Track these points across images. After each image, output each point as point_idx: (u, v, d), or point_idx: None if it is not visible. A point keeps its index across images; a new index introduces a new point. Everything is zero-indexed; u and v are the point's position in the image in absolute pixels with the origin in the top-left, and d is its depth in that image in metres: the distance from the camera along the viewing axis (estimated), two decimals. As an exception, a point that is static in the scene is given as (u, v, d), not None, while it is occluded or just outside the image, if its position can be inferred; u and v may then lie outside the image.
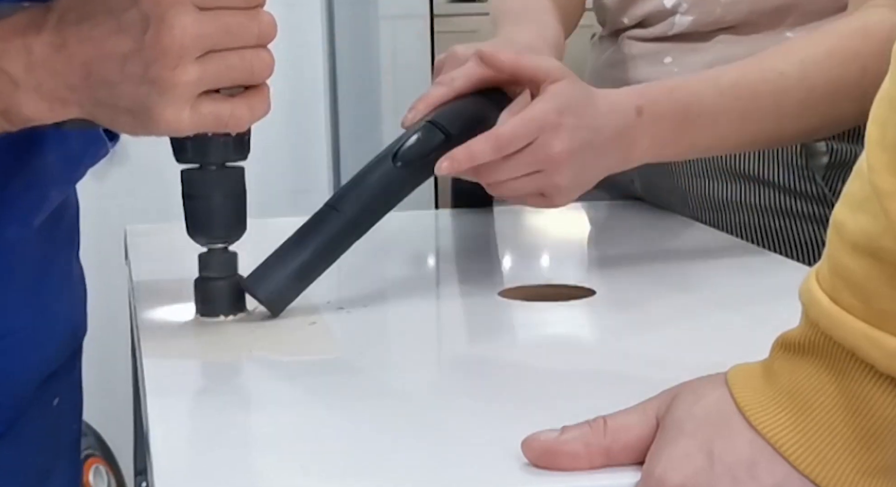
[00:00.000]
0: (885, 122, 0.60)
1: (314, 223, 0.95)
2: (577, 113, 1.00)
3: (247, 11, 0.80)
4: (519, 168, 0.99)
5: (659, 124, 1.03)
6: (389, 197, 0.98)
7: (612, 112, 1.02)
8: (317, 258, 0.94)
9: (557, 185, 1.00)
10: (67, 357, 1.04)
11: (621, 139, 1.02)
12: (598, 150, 1.01)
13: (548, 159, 0.99)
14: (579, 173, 1.01)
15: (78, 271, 1.06)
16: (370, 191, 0.97)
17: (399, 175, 0.98)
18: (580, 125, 1.00)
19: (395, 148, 0.98)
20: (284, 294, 0.93)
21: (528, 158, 0.98)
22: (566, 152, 0.99)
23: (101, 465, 2.21)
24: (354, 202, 0.97)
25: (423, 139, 0.98)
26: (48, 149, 0.92)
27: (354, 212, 0.96)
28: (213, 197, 0.89)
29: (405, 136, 0.99)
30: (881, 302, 0.59)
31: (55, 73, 0.78)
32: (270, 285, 0.93)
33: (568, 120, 0.99)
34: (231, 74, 0.80)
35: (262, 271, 0.93)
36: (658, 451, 0.64)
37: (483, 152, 0.97)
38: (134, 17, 0.77)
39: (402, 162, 0.97)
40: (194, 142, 0.87)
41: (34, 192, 0.93)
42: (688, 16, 1.21)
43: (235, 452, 0.71)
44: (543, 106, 0.99)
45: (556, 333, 0.96)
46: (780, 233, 1.18)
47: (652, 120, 1.03)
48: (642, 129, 1.03)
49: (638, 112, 1.03)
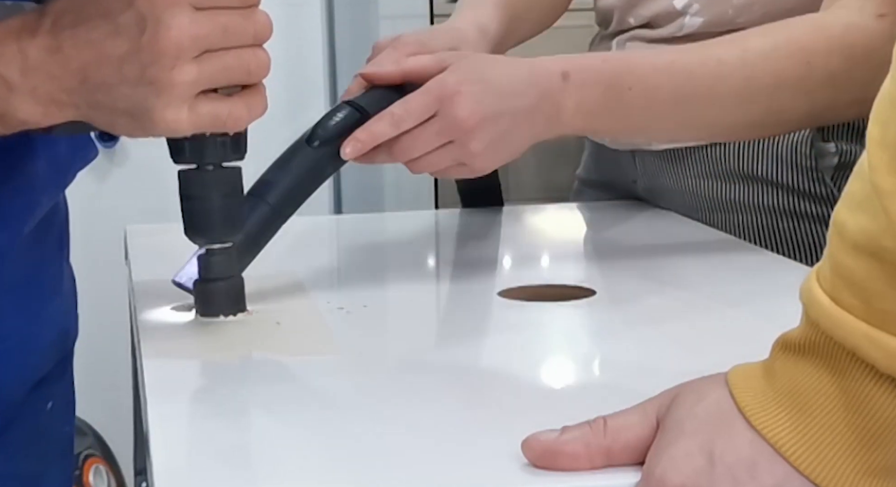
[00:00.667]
0: (886, 122, 0.60)
1: None
2: (480, 80, 1.00)
3: (242, 11, 0.80)
4: (429, 141, 0.99)
5: (586, 90, 1.03)
6: (311, 179, 0.99)
7: (534, 76, 1.02)
8: (244, 248, 0.95)
9: (472, 152, 1.00)
10: (59, 361, 1.03)
11: (546, 103, 1.02)
12: (519, 114, 1.01)
13: (455, 127, 0.99)
14: (497, 138, 1.01)
15: (68, 275, 1.06)
16: (290, 176, 0.98)
17: (316, 155, 0.98)
18: (486, 90, 1.00)
19: (311, 130, 0.99)
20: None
21: (434, 129, 0.99)
22: (472, 117, 0.99)
23: (101, 465, 2.21)
24: (276, 188, 0.98)
25: (339, 119, 1.00)
26: (38, 156, 0.92)
27: (277, 199, 0.97)
28: (210, 197, 0.89)
29: (321, 118, 1.00)
30: (882, 302, 0.59)
31: (51, 77, 0.78)
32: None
33: (468, 87, 0.99)
34: (228, 74, 0.80)
35: (192, 266, 0.94)
36: (658, 451, 0.64)
37: (382, 129, 0.98)
38: (130, 19, 0.77)
39: (319, 141, 0.98)
40: (191, 142, 0.87)
41: (24, 199, 0.93)
42: (698, 17, 1.20)
43: (235, 452, 0.71)
44: (439, 78, 1.00)
45: (556, 333, 0.96)
46: (788, 234, 1.18)
47: (578, 85, 1.03)
48: (568, 94, 1.03)
49: (563, 77, 1.02)
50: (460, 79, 1.00)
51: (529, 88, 1.02)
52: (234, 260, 0.93)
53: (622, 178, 1.34)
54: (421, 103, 0.99)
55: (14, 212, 0.92)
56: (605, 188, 1.39)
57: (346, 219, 1.75)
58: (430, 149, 1.00)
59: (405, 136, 0.99)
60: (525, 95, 1.01)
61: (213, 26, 0.79)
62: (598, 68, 1.04)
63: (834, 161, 1.16)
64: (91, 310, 1.09)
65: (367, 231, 1.34)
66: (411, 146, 1.00)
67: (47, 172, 0.94)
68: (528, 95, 1.01)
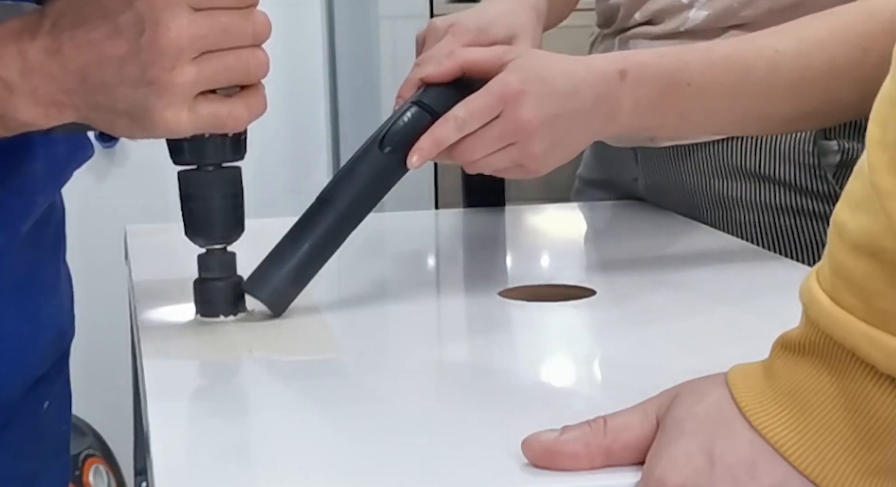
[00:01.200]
0: (886, 122, 0.60)
1: (308, 219, 0.95)
2: (542, 80, 0.99)
3: (241, 11, 0.80)
4: (490, 143, 0.98)
5: (643, 88, 1.02)
6: (381, 184, 0.97)
7: (591, 76, 1.01)
8: (314, 254, 0.94)
9: (533, 154, 0.99)
10: (55, 361, 1.03)
11: (603, 103, 1.01)
12: (577, 115, 1.00)
13: (517, 129, 0.98)
14: (556, 139, 1.00)
15: (65, 275, 1.06)
16: (361, 181, 0.96)
17: (388, 161, 0.96)
18: (548, 91, 0.98)
19: (381, 133, 0.97)
20: (285, 293, 0.93)
21: (497, 132, 0.98)
22: (536, 120, 0.98)
23: (101, 465, 2.22)
24: (346, 194, 0.96)
25: (409, 121, 0.97)
26: (35, 155, 0.92)
27: (347, 205, 0.96)
28: (210, 197, 0.89)
29: (390, 120, 0.98)
30: (882, 302, 0.59)
31: (51, 78, 0.78)
32: (270, 286, 0.93)
33: (532, 87, 0.98)
34: (227, 74, 0.80)
35: (260, 272, 0.93)
36: (658, 451, 0.64)
37: (446, 135, 0.97)
38: (129, 20, 0.77)
39: (390, 147, 0.96)
40: (191, 143, 0.86)
41: (21, 198, 0.93)
42: (703, 10, 1.20)
43: (235, 452, 0.71)
44: (501, 78, 0.98)
45: (556, 333, 0.96)
46: (790, 231, 1.18)
47: (636, 83, 1.01)
48: (625, 93, 1.01)
49: (621, 75, 1.01)
50: (523, 79, 0.98)
51: (588, 88, 1.00)
52: (234, 259, 0.93)
53: (623, 177, 1.34)
54: (485, 105, 0.97)
55: (11, 211, 0.92)
56: (606, 187, 1.39)
57: (346, 219, 1.75)
58: (491, 151, 0.98)
59: (468, 139, 0.97)
60: (584, 95, 1.00)
61: (211, 27, 0.79)
62: (655, 65, 1.03)
63: (836, 159, 1.16)
64: (91, 310, 1.09)
65: (367, 231, 1.34)
66: (473, 148, 0.98)
67: (44, 172, 0.94)
68: (586, 95, 1.00)
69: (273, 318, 0.93)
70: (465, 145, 0.97)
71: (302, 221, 0.95)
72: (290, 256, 0.93)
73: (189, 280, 0.94)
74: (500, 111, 0.97)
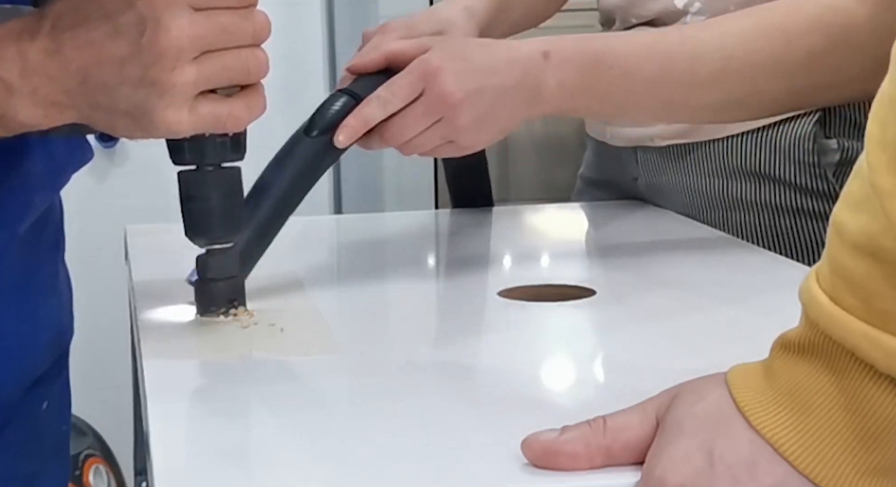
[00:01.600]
0: (885, 121, 0.60)
1: (246, 207, 0.96)
2: (462, 57, 1.02)
3: (241, 11, 0.81)
4: (418, 120, 1.01)
5: (566, 68, 1.04)
6: (313, 168, 1.00)
7: (513, 55, 1.04)
8: (255, 241, 0.96)
9: (461, 127, 1.02)
10: (55, 361, 1.03)
11: (527, 81, 1.03)
12: (500, 91, 1.03)
13: (442, 103, 1.01)
14: (482, 112, 1.02)
15: (64, 276, 1.06)
16: (293, 167, 0.99)
17: (316, 145, 0.99)
18: (468, 67, 1.02)
19: (308, 120, 1.01)
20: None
21: (421, 109, 1.01)
22: (457, 92, 1.00)
23: (101, 465, 2.21)
24: (280, 180, 0.98)
25: (335, 106, 1.01)
26: (34, 156, 0.92)
27: (283, 191, 0.98)
28: (210, 198, 0.89)
29: (318, 108, 1.02)
30: (881, 301, 0.59)
31: (50, 79, 0.78)
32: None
33: (451, 64, 1.01)
34: (228, 74, 0.80)
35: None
36: (658, 451, 0.64)
37: (371, 113, 1.00)
38: (130, 20, 0.77)
39: (317, 131, 1.00)
40: (191, 143, 0.87)
41: (19, 199, 0.93)
42: (700, 16, 1.20)
43: (235, 452, 0.71)
44: (421, 58, 1.02)
45: (556, 333, 0.96)
46: (790, 230, 1.18)
47: (558, 64, 1.04)
48: (549, 73, 1.04)
49: (544, 56, 1.04)
50: (442, 57, 1.01)
51: (510, 67, 1.03)
52: (235, 260, 0.93)
53: (623, 176, 1.34)
54: (406, 83, 1.01)
55: (10, 211, 0.92)
56: (608, 187, 1.39)
57: (346, 219, 1.75)
58: (420, 129, 1.01)
59: (395, 118, 1.01)
60: (507, 73, 1.03)
61: (211, 27, 0.79)
62: (577, 48, 1.06)
63: (836, 157, 1.17)
64: (90, 310, 1.09)
65: (367, 231, 1.34)
66: (402, 127, 1.01)
67: (43, 172, 0.94)
68: (509, 73, 1.03)
69: (273, 319, 0.93)
70: (393, 125, 1.01)
71: None
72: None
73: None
74: (423, 89, 1.01)
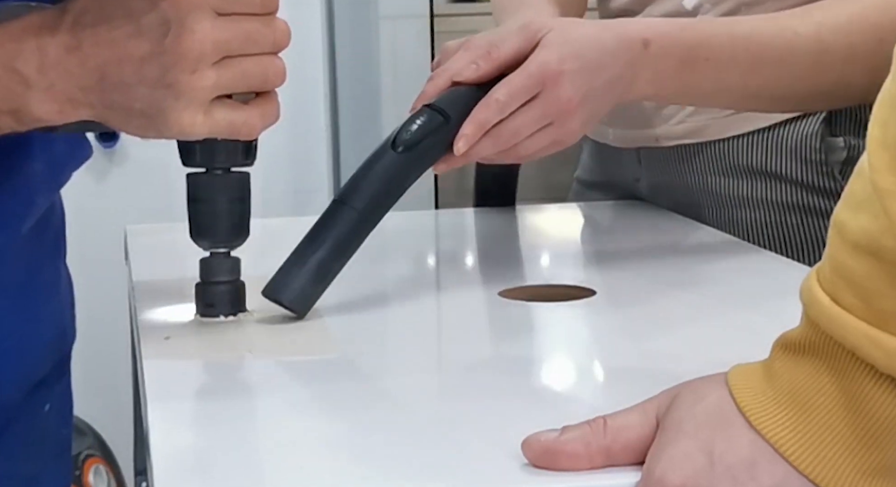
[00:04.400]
0: (886, 122, 0.60)
1: (325, 220, 0.95)
2: (577, 56, 1.00)
3: (263, 18, 0.81)
4: (531, 124, 1.00)
5: (664, 59, 1.04)
6: (396, 184, 0.98)
7: (619, 45, 1.03)
8: (333, 254, 0.94)
9: (572, 131, 1.02)
10: (56, 363, 1.03)
11: (626, 73, 1.03)
12: (607, 85, 1.02)
13: (558, 109, 0.99)
14: (591, 112, 1.02)
15: (65, 277, 1.06)
16: (376, 182, 0.97)
17: (401, 161, 0.97)
18: (584, 67, 1.00)
19: (394, 134, 0.98)
20: (307, 295, 0.93)
21: (538, 111, 0.99)
22: (575, 98, 1.00)
23: (101, 465, 2.21)
24: (362, 194, 0.96)
25: (421, 122, 0.99)
26: (34, 155, 0.92)
27: (364, 205, 0.96)
28: (217, 201, 0.89)
29: (404, 123, 1.00)
30: (882, 301, 0.59)
31: (68, 75, 0.78)
32: (292, 288, 0.93)
33: (568, 65, 0.99)
34: (246, 81, 0.81)
35: (281, 276, 0.93)
36: (658, 451, 0.64)
37: (487, 116, 0.98)
38: (153, 21, 0.77)
39: (403, 147, 0.97)
40: (202, 146, 0.87)
41: (21, 198, 0.93)
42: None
43: (235, 452, 0.71)
44: (539, 58, 0.99)
45: (556, 333, 0.96)
46: (796, 229, 1.18)
47: (658, 54, 1.04)
48: (647, 63, 1.04)
49: (645, 44, 1.03)
50: (560, 58, 0.99)
51: (615, 59, 1.02)
52: (237, 264, 0.93)
53: (624, 178, 1.34)
54: (524, 87, 0.99)
55: (11, 211, 0.92)
56: (606, 188, 1.38)
57: (346, 219, 1.75)
58: (531, 131, 1.00)
59: (509, 121, 0.99)
60: (612, 66, 1.02)
61: (235, 32, 0.79)
62: (677, 37, 1.05)
63: (843, 155, 1.17)
64: (91, 311, 1.09)
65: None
66: (516, 130, 0.99)
67: (43, 172, 0.94)
68: (614, 66, 1.02)
69: (273, 319, 0.93)
70: (507, 127, 0.99)
71: (320, 223, 0.95)
72: (311, 258, 0.93)
73: (189, 280, 0.94)
74: (539, 91, 0.99)
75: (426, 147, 0.98)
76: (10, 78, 0.78)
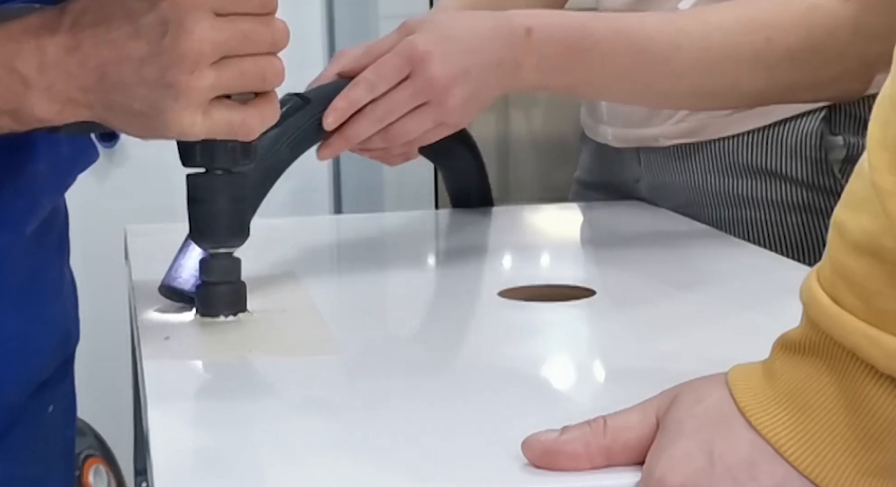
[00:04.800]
0: (886, 122, 0.60)
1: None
2: (447, 39, 1.03)
3: (262, 18, 0.81)
4: (405, 102, 1.02)
5: (548, 47, 1.05)
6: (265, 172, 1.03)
7: (497, 30, 1.05)
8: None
9: (450, 109, 1.03)
10: (60, 365, 1.03)
11: (508, 57, 1.05)
12: (485, 69, 1.04)
13: (429, 87, 1.02)
14: (470, 93, 1.04)
15: (69, 279, 1.06)
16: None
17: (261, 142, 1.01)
18: (454, 48, 1.03)
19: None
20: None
21: (409, 91, 1.02)
22: (446, 75, 1.02)
23: (101, 465, 2.21)
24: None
25: (285, 107, 1.01)
26: (39, 157, 0.92)
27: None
28: (217, 202, 0.89)
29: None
30: (882, 301, 0.59)
31: (68, 75, 0.78)
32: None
33: (437, 47, 1.02)
34: (245, 81, 0.81)
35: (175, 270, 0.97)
36: (658, 451, 0.64)
37: (358, 95, 1.02)
38: (152, 22, 0.77)
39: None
40: (202, 146, 0.87)
41: (25, 199, 0.93)
42: None
43: (235, 452, 0.71)
44: (407, 40, 1.03)
45: (556, 333, 0.96)
46: (796, 228, 1.18)
47: (541, 40, 1.05)
48: (530, 50, 1.05)
49: (527, 32, 1.05)
50: (427, 41, 1.02)
51: (492, 43, 1.04)
52: (238, 264, 0.93)
53: (623, 178, 1.34)
54: (393, 65, 1.02)
55: (15, 213, 0.92)
56: (605, 189, 1.38)
57: (346, 218, 1.75)
58: (407, 109, 1.03)
59: (382, 100, 1.02)
60: (489, 51, 1.04)
61: (233, 32, 0.79)
62: (561, 26, 1.07)
63: (842, 154, 1.17)
64: (91, 311, 1.09)
65: (367, 231, 1.34)
66: (390, 108, 1.02)
67: (49, 174, 0.94)
68: (491, 50, 1.04)
69: (273, 319, 0.93)
70: (381, 106, 1.02)
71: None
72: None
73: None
74: (409, 72, 1.02)
75: (286, 127, 1.02)
76: (10, 78, 0.78)
